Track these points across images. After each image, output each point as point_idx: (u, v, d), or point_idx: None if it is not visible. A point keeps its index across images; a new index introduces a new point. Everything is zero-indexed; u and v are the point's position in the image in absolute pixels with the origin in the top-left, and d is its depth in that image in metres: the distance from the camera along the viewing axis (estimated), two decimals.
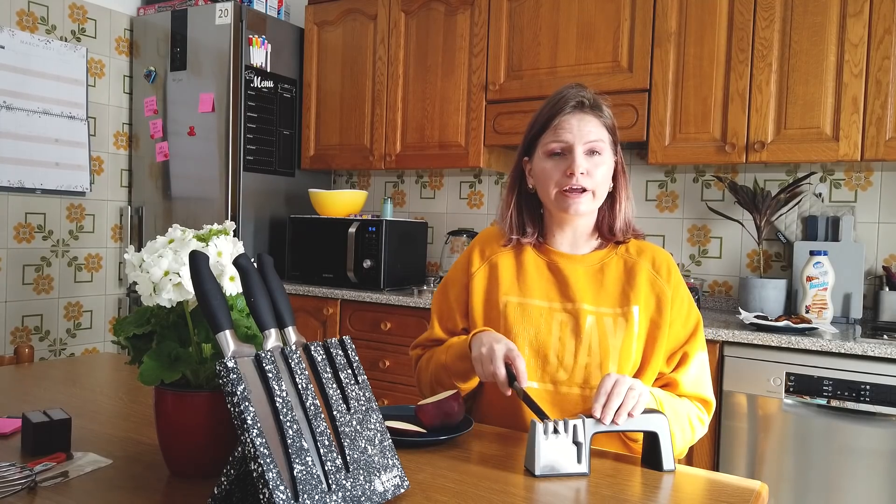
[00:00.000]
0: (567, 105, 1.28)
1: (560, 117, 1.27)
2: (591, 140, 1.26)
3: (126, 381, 1.58)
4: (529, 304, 1.31)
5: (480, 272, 1.37)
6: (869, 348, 1.97)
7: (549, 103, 1.31)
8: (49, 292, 3.19)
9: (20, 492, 0.90)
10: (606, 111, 1.31)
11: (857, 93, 2.23)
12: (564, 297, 1.31)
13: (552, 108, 1.29)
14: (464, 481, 0.99)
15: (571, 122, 1.27)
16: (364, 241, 2.98)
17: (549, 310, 1.31)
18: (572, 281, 1.32)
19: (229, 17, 3.09)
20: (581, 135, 1.26)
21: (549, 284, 1.33)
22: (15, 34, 2.98)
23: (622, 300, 1.30)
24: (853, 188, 2.55)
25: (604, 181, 1.29)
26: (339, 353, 0.93)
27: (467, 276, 1.39)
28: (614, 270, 1.33)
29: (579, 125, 1.27)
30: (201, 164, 3.19)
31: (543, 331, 1.29)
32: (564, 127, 1.27)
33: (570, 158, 1.26)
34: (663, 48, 2.53)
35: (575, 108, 1.28)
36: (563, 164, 1.27)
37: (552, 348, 1.28)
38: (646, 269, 1.33)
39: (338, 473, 0.83)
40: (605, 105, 1.32)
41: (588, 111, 1.28)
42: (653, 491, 1.00)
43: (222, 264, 0.97)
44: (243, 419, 0.77)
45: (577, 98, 1.28)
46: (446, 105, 3.01)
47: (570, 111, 1.28)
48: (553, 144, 1.28)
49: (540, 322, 1.30)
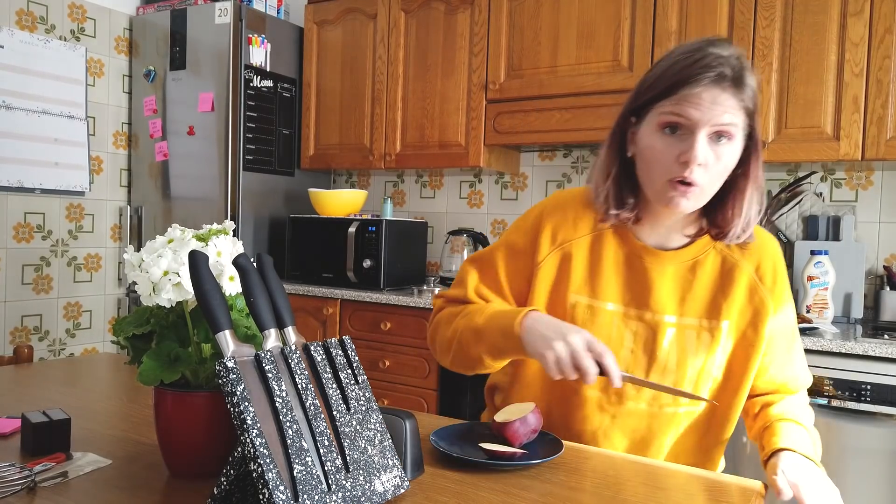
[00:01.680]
0: (705, 75, 0.99)
1: (690, 88, 0.99)
2: (721, 123, 0.99)
3: (125, 381, 1.58)
4: (601, 307, 1.14)
5: (550, 261, 1.15)
6: (870, 348, 1.96)
7: (681, 63, 1.01)
8: (48, 292, 3.18)
9: (20, 492, 0.90)
10: (750, 87, 1.01)
11: (858, 92, 2.23)
12: (643, 302, 1.13)
13: (683, 71, 1.00)
14: (464, 481, 0.99)
15: (703, 98, 0.99)
16: (364, 240, 2.98)
17: (623, 316, 1.13)
18: (656, 284, 1.12)
19: (229, 17, 3.08)
20: (712, 115, 0.99)
21: (628, 285, 1.14)
22: (14, 34, 2.97)
23: (711, 311, 1.12)
24: (854, 188, 2.55)
25: (722, 174, 1.04)
26: (338, 353, 0.93)
27: (532, 263, 1.17)
28: (709, 271, 1.13)
29: (711, 104, 0.99)
30: (201, 164, 3.18)
31: (615, 340, 1.13)
32: (693, 102, 0.99)
33: (690, 142, 1.00)
34: (664, 47, 2.52)
35: (714, 81, 0.99)
36: (678, 145, 1.01)
37: (622, 361, 1.12)
38: (747, 273, 1.13)
39: (338, 474, 0.83)
40: (748, 76, 1.01)
41: (728, 87, 0.99)
42: (653, 491, 0.99)
43: (222, 264, 0.97)
44: (243, 419, 0.77)
45: (719, 68, 0.99)
46: (446, 104, 3.01)
47: (706, 84, 0.99)
48: (674, 117, 1.01)
49: (611, 330, 1.13)
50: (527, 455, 1.07)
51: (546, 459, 1.06)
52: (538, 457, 1.07)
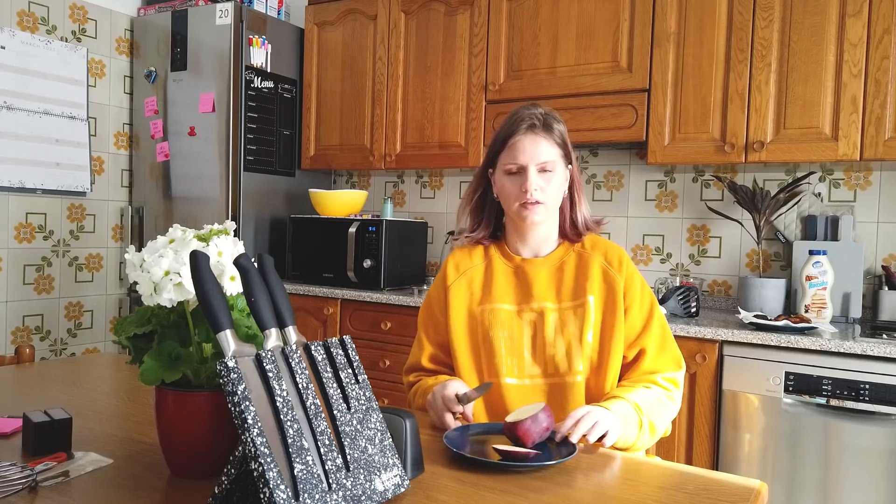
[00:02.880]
0: (521, 127, 1.41)
1: (514, 138, 1.41)
2: (541, 161, 1.40)
3: (126, 380, 1.58)
4: (500, 308, 1.44)
5: (457, 285, 1.49)
6: (868, 348, 1.97)
7: (506, 124, 1.45)
8: (50, 292, 3.19)
9: (21, 491, 0.90)
10: (557, 129, 1.44)
11: (857, 92, 2.23)
12: (529, 298, 1.44)
13: (507, 128, 1.43)
14: (464, 480, 1.00)
15: (525, 144, 1.40)
16: (364, 240, 2.99)
17: (517, 312, 1.44)
18: (536, 283, 1.45)
19: (229, 18, 3.09)
20: (534, 155, 1.40)
21: (516, 289, 1.46)
22: (15, 34, 2.98)
23: (578, 292, 1.43)
24: (852, 188, 2.55)
25: (556, 192, 1.43)
26: (339, 353, 0.93)
27: (444, 289, 1.50)
28: (571, 266, 1.47)
29: (532, 146, 1.40)
30: (202, 164, 3.19)
31: (516, 332, 1.42)
32: (518, 148, 1.41)
33: (525, 177, 1.40)
34: (663, 48, 2.53)
35: (527, 129, 1.41)
36: (518, 181, 1.41)
37: (525, 346, 1.41)
38: (598, 261, 1.46)
39: (338, 473, 0.83)
40: (555, 123, 1.44)
41: (540, 132, 1.41)
42: (653, 490, 1.00)
43: (223, 264, 0.98)
44: (244, 418, 0.78)
45: (530, 120, 1.41)
46: (446, 105, 3.01)
47: (522, 133, 1.41)
48: (510, 165, 1.42)
49: (512, 323, 1.43)
50: (540, 456, 1.08)
51: (561, 461, 1.07)
52: (550, 458, 1.08)
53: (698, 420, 2.23)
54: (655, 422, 1.33)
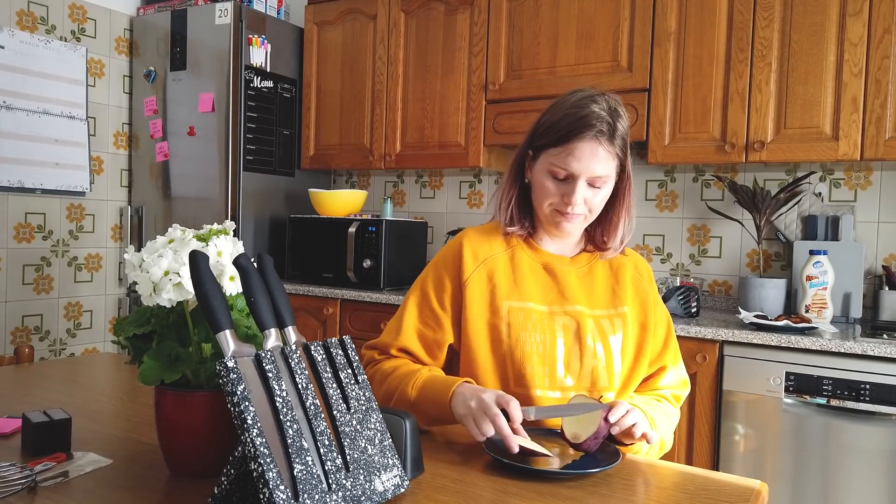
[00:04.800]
0: (587, 133, 1.22)
1: (574, 143, 1.22)
2: (595, 174, 1.23)
3: (126, 380, 1.58)
4: (531, 308, 1.28)
5: (476, 277, 1.30)
6: (869, 348, 1.97)
7: (571, 117, 1.24)
8: (49, 292, 3.19)
9: (20, 492, 0.90)
10: (620, 134, 1.25)
11: (857, 92, 2.23)
12: (563, 299, 1.30)
13: (570, 125, 1.23)
14: (464, 481, 0.99)
15: (584, 151, 1.22)
16: (364, 240, 2.98)
17: (549, 314, 1.28)
18: (567, 284, 1.31)
19: (229, 17, 3.09)
20: (588, 168, 1.22)
21: (546, 288, 1.31)
22: (15, 34, 2.98)
23: (614, 301, 1.32)
24: (853, 187, 2.55)
25: (600, 204, 1.28)
26: (338, 353, 0.93)
27: (459, 285, 1.31)
28: (602, 271, 1.35)
29: (590, 157, 1.22)
30: (201, 164, 3.19)
31: (549, 335, 1.26)
32: (575, 155, 1.22)
33: (572, 187, 1.24)
34: (663, 48, 2.53)
35: (593, 137, 1.22)
36: (562, 188, 1.25)
37: (559, 354, 1.26)
38: (630, 270, 1.36)
39: (338, 473, 0.83)
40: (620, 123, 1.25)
41: (604, 141, 1.22)
42: (653, 490, 1.00)
43: (222, 264, 0.97)
44: (243, 419, 0.77)
45: (599, 125, 1.22)
46: (446, 105, 3.01)
47: (587, 140, 1.22)
48: (558, 169, 1.24)
49: (544, 326, 1.27)
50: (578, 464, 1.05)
51: (605, 468, 1.03)
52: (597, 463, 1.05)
53: (698, 420, 2.23)
54: (665, 438, 1.26)
